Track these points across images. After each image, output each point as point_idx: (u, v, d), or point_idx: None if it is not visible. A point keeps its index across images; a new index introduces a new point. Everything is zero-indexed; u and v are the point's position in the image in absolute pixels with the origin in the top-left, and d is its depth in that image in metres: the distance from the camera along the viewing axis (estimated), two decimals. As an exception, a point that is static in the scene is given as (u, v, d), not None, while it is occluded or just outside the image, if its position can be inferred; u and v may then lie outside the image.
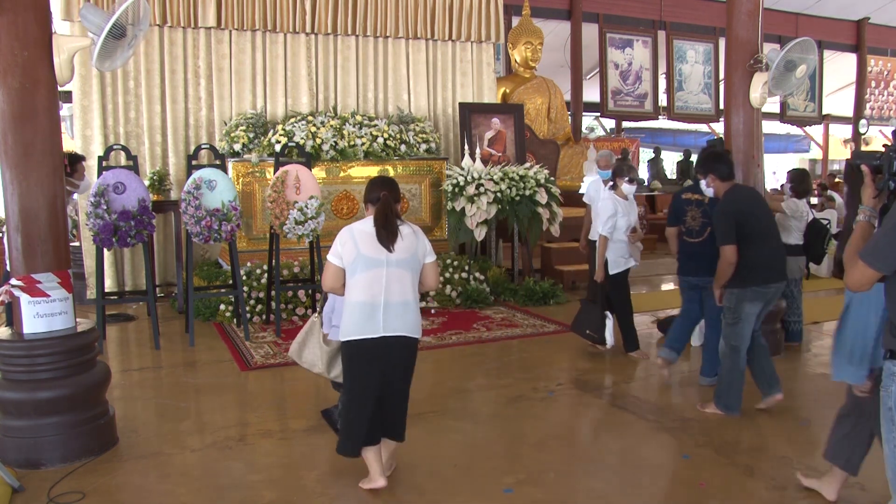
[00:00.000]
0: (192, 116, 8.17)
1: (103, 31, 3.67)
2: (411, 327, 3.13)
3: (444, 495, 3.23)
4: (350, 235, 3.14)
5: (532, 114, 11.59)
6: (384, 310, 3.07)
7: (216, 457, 3.66)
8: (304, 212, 6.10)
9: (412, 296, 3.14)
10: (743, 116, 5.53)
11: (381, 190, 3.21)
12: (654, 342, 6.12)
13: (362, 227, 3.15)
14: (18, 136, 3.47)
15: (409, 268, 3.14)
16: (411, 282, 3.15)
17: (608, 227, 5.35)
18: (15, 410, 3.54)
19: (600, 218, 5.46)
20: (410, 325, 3.13)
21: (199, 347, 5.87)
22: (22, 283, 3.51)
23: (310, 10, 8.38)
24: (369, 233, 3.12)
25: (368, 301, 3.07)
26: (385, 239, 3.08)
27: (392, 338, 3.08)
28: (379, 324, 3.06)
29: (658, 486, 3.36)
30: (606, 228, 5.35)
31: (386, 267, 3.09)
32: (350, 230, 3.16)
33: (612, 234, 5.37)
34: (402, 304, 3.10)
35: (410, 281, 3.15)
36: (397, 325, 3.09)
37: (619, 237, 5.41)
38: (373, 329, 3.06)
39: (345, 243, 3.13)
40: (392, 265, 3.09)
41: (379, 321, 3.06)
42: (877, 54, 16.96)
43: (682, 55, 14.03)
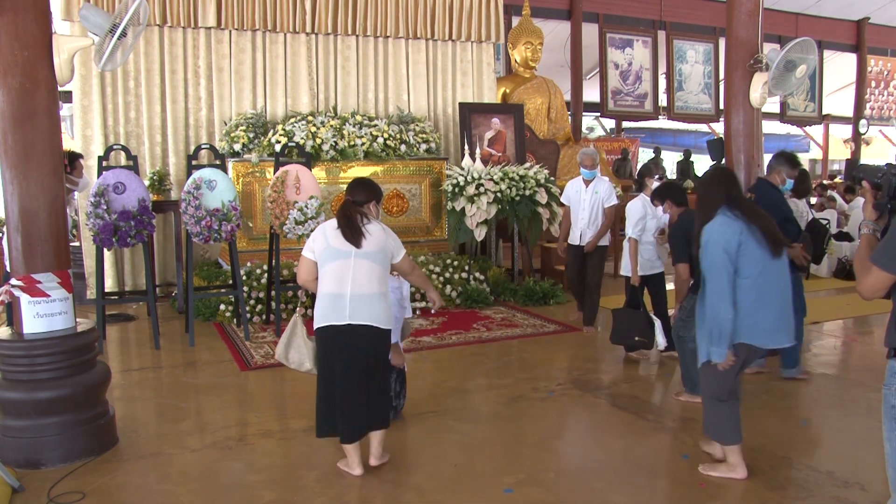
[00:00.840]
0: (192, 116, 8.16)
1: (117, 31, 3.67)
2: (378, 317, 3.27)
3: (444, 495, 3.23)
4: (322, 231, 3.39)
5: (532, 114, 11.58)
6: (350, 299, 3.23)
7: (216, 457, 3.66)
8: (304, 212, 6.10)
9: (378, 288, 3.29)
10: (743, 116, 5.53)
11: (347, 193, 3.48)
12: (654, 342, 6.13)
13: (333, 224, 3.38)
14: (18, 136, 3.47)
15: (377, 261, 3.32)
16: (378, 274, 3.31)
17: (638, 229, 5.34)
18: (15, 410, 3.54)
19: (630, 220, 5.44)
20: (377, 316, 3.27)
21: (199, 347, 5.87)
22: (22, 283, 3.51)
23: (310, 10, 8.38)
24: (336, 227, 3.34)
25: (336, 291, 3.25)
26: (350, 236, 3.28)
27: (358, 326, 3.23)
28: (345, 312, 3.23)
29: (658, 486, 3.36)
30: (636, 231, 5.34)
31: (353, 258, 3.27)
32: (322, 227, 3.43)
33: (642, 236, 5.36)
34: (369, 295, 3.26)
35: (378, 273, 3.31)
36: (363, 315, 3.24)
37: (648, 239, 5.39)
38: (339, 317, 3.23)
39: (316, 238, 3.37)
40: (360, 256, 3.28)
41: (345, 309, 3.23)
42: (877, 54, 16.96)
43: (682, 55, 14.03)
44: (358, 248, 3.28)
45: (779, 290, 3.29)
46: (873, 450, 3.79)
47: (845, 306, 7.48)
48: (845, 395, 4.71)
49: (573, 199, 6.34)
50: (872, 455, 3.73)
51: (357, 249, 3.28)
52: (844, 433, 4.10)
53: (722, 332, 3.21)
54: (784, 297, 3.32)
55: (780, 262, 3.31)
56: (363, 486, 3.32)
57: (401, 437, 3.94)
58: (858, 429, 4.03)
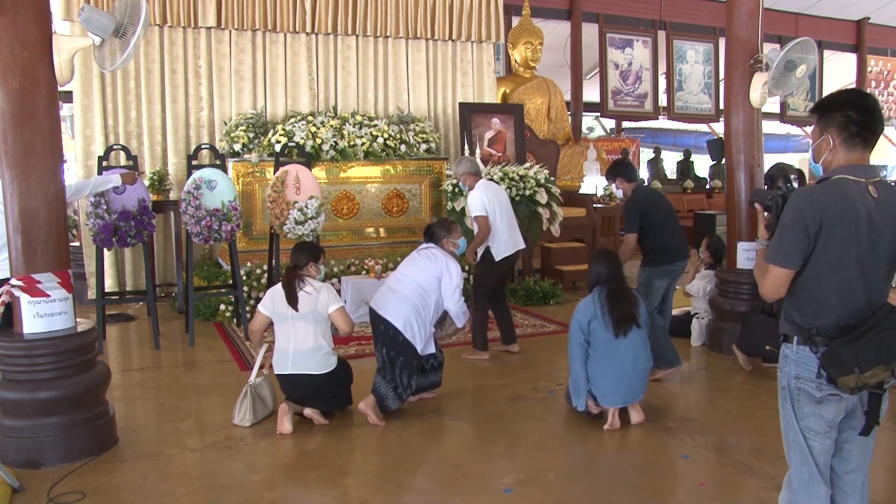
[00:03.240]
0: (193, 116, 8.16)
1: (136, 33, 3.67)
2: (314, 366, 3.98)
3: (444, 495, 3.23)
4: (271, 295, 4.07)
5: (532, 114, 11.58)
6: (293, 353, 3.98)
7: (216, 457, 3.66)
8: (304, 212, 6.10)
9: (314, 343, 3.98)
10: (743, 116, 5.53)
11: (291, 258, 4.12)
12: (654, 342, 6.13)
13: (279, 288, 4.05)
14: (18, 136, 3.46)
15: (311, 320, 3.97)
16: (314, 331, 3.98)
17: None
18: (15, 410, 3.54)
19: None
20: (314, 365, 3.98)
21: (199, 347, 5.87)
22: (22, 283, 3.51)
23: (310, 9, 8.38)
24: (281, 292, 4.00)
25: (283, 346, 4.01)
26: (288, 300, 3.96)
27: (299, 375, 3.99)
28: (288, 363, 3.99)
29: (658, 486, 3.36)
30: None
31: (291, 320, 3.97)
32: (272, 291, 4.10)
33: None
34: (308, 350, 3.97)
35: (313, 331, 3.98)
36: (301, 365, 3.97)
37: None
38: (285, 367, 4.01)
39: (265, 302, 4.09)
40: (297, 318, 3.97)
41: (289, 361, 3.99)
42: (877, 54, 16.95)
43: (682, 55, 14.03)
44: (296, 311, 3.95)
45: (620, 364, 3.99)
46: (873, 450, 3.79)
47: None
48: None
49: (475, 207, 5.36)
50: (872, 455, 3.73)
51: (295, 312, 3.95)
52: (844, 433, 4.09)
53: (578, 388, 4.05)
54: (619, 370, 3.99)
55: (627, 340, 3.99)
56: (363, 486, 3.32)
57: (401, 437, 3.94)
58: (858, 429, 4.02)
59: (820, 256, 2.11)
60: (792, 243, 2.11)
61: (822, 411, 2.16)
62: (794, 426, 2.22)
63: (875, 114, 2.13)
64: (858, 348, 2.02)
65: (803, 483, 2.23)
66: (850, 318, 2.11)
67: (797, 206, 2.11)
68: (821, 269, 2.12)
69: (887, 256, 2.14)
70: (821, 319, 2.14)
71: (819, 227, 2.07)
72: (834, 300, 2.12)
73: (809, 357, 2.15)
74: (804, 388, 2.17)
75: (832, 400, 2.14)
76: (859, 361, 2.02)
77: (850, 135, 2.12)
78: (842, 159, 2.15)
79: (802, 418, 2.19)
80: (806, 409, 2.18)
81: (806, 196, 2.11)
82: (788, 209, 2.13)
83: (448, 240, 4.44)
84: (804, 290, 2.16)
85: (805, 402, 2.18)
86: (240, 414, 4.10)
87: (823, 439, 2.19)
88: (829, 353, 2.08)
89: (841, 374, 2.04)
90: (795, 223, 2.10)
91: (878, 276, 2.14)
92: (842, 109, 2.13)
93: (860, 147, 2.14)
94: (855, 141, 2.12)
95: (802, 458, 2.21)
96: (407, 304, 4.14)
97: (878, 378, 2.04)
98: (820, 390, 2.14)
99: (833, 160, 2.17)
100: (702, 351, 5.74)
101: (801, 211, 2.09)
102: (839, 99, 2.16)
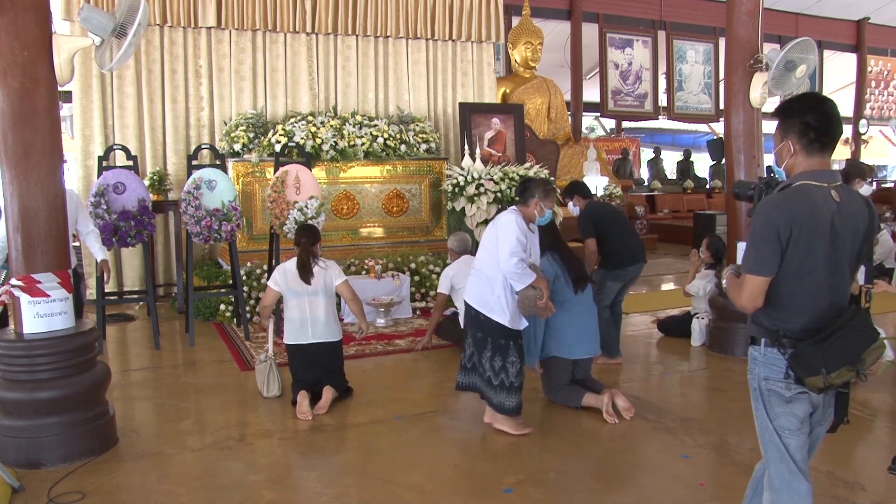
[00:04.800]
0: (193, 116, 8.16)
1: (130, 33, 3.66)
2: (331, 334, 4.48)
3: (444, 495, 3.23)
4: (283, 272, 4.47)
5: (532, 114, 11.59)
6: (311, 324, 4.41)
7: (216, 457, 3.66)
8: (304, 212, 6.09)
9: (327, 314, 4.45)
10: (743, 116, 5.53)
11: (301, 237, 4.47)
12: (653, 342, 6.13)
13: (289, 267, 4.45)
14: (18, 136, 3.46)
15: (323, 294, 4.43)
16: (326, 304, 4.44)
17: None
18: (15, 410, 3.54)
19: None
20: (330, 333, 4.47)
21: (199, 347, 5.87)
22: (22, 283, 3.51)
23: (310, 9, 8.38)
24: (293, 271, 4.40)
25: (300, 319, 4.42)
26: (303, 274, 4.38)
27: (318, 343, 4.44)
28: (308, 333, 4.41)
29: (658, 486, 3.36)
30: None
31: (306, 296, 4.40)
32: (283, 268, 4.49)
33: None
34: (324, 321, 4.44)
35: (325, 303, 4.44)
36: (320, 334, 4.43)
37: None
38: (305, 338, 4.42)
39: (275, 278, 4.48)
40: (311, 294, 4.41)
41: (308, 331, 4.41)
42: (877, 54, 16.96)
43: (682, 55, 14.04)
44: (308, 286, 4.37)
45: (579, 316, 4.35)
46: (874, 450, 3.80)
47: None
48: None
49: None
50: (873, 455, 3.73)
51: (308, 287, 4.37)
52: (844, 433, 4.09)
53: (532, 347, 4.33)
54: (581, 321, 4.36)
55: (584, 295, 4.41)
56: (363, 486, 3.32)
57: (401, 437, 3.94)
58: (859, 429, 4.03)
59: (789, 262, 2.15)
60: (767, 251, 2.15)
61: (793, 409, 2.22)
62: (768, 426, 2.27)
63: (833, 118, 2.17)
64: (825, 350, 2.08)
65: (784, 481, 2.26)
66: (817, 321, 2.16)
67: (767, 214, 2.15)
68: (790, 273, 2.16)
69: (849, 259, 2.20)
70: (789, 322, 2.19)
71: (790, 234, 2.12)
72: (802, 304, 2.18)
73: (777, 358, 2.20)
74: (774, 388, 2.23)
75: (802, 398, 2.21)
76: (826, 363, 2.07)
77: (809, 141, 2.16)
78: (802, 165, 2.20)
79: (775, 418, 2.24)
80: (777, 409, 2.24)
81: (774, 204, 2.15)
82: (758, 218, 2.18)
83: (538, 201, 3.95)
84: (773, 294, 2.20)
85: (776, 403, 2.24)
86: (268, 387, 4.54)
87: (798, 436, 2.24)
88: (796, 355, 2.14)
89: (808, 374, 2.10)
90: (768, 231, 2.14)
91: (842, 278, 2.20)
92: (801, 116, 2.17)
93: (819, 152, 2.18)
94: (814, 147, 2.17)
95: (780, 457, 2.26)
96: (478, 278, 3.98)
97: (843, 378, 2.11)
98: (789, 390, 2.20)
99: (794, 165, 2.22)
100: (702, 351, 5.74)
101: (772, 219, 2.13)
102: (798, 105, 2.20)
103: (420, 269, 7.30)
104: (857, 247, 2.21)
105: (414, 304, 7.06)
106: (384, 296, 6.62)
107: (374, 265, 6.93)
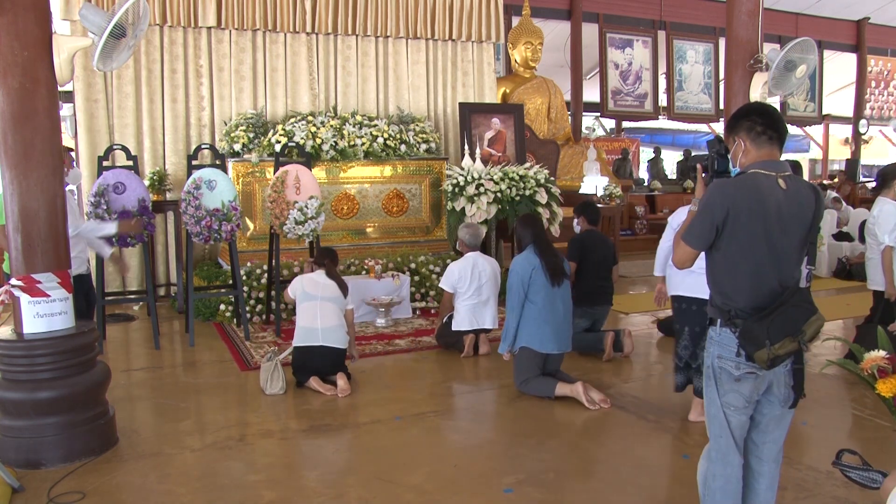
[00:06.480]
0: (193, 116, 8.16)
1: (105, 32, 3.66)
2: (338, 340, 4.75)
3: (444, 495, 3.23)
4: (300, 282, 4.86)
5: (532, 114, 11.59)
6: (321, 329, 4.69)
7: (216, 457, 3.66)
8: (304, 212, 6.09)
9: (337, 321, 4.76)
10: (743, 116, 5.52)
11: (323, 258, 4.97)
12: (653, 342, 6.13)
13: (308, 275, 4.89)
14: (18, 136, 3.46)
15: (335, 302, 4.79)
16: (336, 311, 4.78)
17: (895, 236, 4.83)
18: (15, 410, 3.54)
19: (886, 226, 4.90)
20: (338, 339, 4.75)
21: (199, 347, 5.87)
22: (22, 283, 3.51)
23: (310, 9, 8.38)
24: (311, 277, 4.85)
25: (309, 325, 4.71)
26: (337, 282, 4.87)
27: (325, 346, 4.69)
28: (318, 336, 4.68)
29: (658, 486, 3.36)
30: (893, 237, 4.83)
31: (319, 300, 4.75)
32: (301, 279, 4.89)
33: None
34: (333, 327, 4.73)
35: (336, 311, 4.78)
36: (329, 338, 4.70)
37: None
38: (314, 340, 4.69)
39: (294, 287, 4.88)
40: (325, 300, 4.76)
41: (318, 334, 4.68)
42: (877, 54, 16.96)
43: (682, 55, 14.04)
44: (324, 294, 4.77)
45: (554, 312, 4.51)
46: (874, 450, 3.79)
47: (845, 306, 7.48)
48: (845, 394, 4.71)
49: None
50: (873, 455, 3.73)
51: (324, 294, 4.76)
52: (844, 433, 4.10)
53: (508, 336, 4.57)
54: (558, 316, 4.52)
55: (561, 289, 4.54)
56: (363, 486, 3.32)
57: (401, 437, 3.94)
58: (859, 429, 4.03)
59: (730, 243, 2.34)
60: (700, 228, 2.37)
61: (741, 388, 2.39)
62: (715, 401, 2.45)
63: (775, 114, 2.41)
64: (769, 324, 2.26)
65: (720, 453, 2.48)
66: (764, 300, 2.33)
67: (710, 195, 2.36)
68: (732, 254, 2.35)
69: (797, 242, 2.37)
70: (737, 301, 2.36)
71: (725, 217, 2.30)
72: (747, 283, 2.34)
73: (730, 338, 2.36)
74: (724, 367, 2.40)
75: (749, 378, 2.37)
76: (770, 335, 2.25)
77: (757, 134, 2.38)
78: (753, 156, 2.40)
79: (723, 394, 2.42)
80: (726, 387, 2.41)
81: (719, 187, 2.35)
82: (705, 197, 2.39)
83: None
84: (720, 273, 2.40)
85: (725, 380, 2.41)
86: (271, 384, 4.63)
87: (741, 414, 2.43)
88: (744, 330, 2.30)
89: (755, 348, 2.27)
90: (705, 210, 2.36)
91: (789, 260, 2.36)
92: (746, 116, 2.42)
93: (767, 145, 2.39)
94: (762, 139, 2.38)
95: (721, 431, 2.46)
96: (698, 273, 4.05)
97: (786, 349, 2.26)
98: (738, 369, 2.37)
99: (746, 161, 2.42)
100: (702, 351, 5.73)
101: (713, 201, 2.34)
102: (742, 110, 2.46)
103: (420, 269, 7.30)
104: (804, 232, 2.38)
105: (414, 304, 7.06)
106: (384, 296, 6.62)
107: (374, 265, 6.93)
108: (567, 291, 4.63)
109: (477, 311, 5.59)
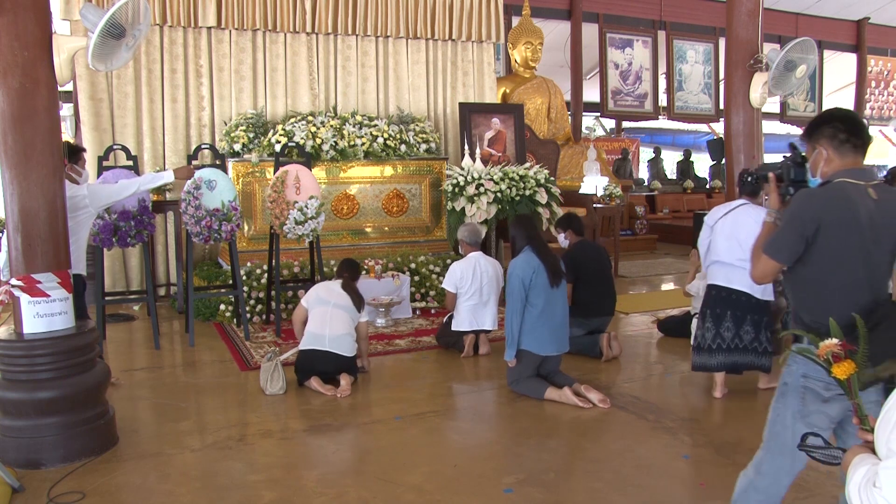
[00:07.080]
0: (193, 116, 8.15)
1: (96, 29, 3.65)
2: (345, 349, 4.76)
3: (444, 495, 3.23)
4: (315, 290, 4.92)
5: (532, 114, 11.58)
6: (329, 336, 4.71)
7: (216, 457, 3.66)
8: (304, 212, 6.09)
9: (346, 329, 4.77)
10: (743, 116, 5.53)
11: (343, 271, 5.08)
12: (653, 342, 6.13)
13: (326, 284, 4.98)
14: (18, 136, 3.46)
15: (346, 311, 4.80)
16: (347, 319, 4.80)
17: None
18: (15, 410, 3.54)
19: None
20: (345, 347, 4.75)
21: (199, 347, 5.87)
22: (22, 283, 3.51)
23: (310, 9, 8.37)
24: (326, 285, 4.95)
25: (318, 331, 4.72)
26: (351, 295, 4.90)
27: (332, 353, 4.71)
28: (325, 341, 4.70)
29: (658, 486, 3.36)
30: None
31: (331, 307, 4.79)
32: (317, 287, 4.96)
33: None
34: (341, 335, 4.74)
35: (347, 318, 4.80)
36: (336, 345, 4.71)
37: None
38: (321, 345, 4.70)
39: (308, 298, 4.90)
40: (337, 307, 4.80)
41: (325, 339, 4.70)
42: (877, 54, 16.94)
43: (682, 55, 14.03)
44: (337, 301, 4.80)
45: (553, 314, 4.53)
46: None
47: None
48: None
49: None
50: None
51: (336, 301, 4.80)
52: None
53: (512, 341, 4.53)
54: (556, 318, 4.56)
55: (559, 290, 4.57)
56: (363, 486, 3.32)
57: (401, 437, 3.94)
58: (858, 429, 4.02)
59: (820, 257, 2.21)
60: (787, 241, 2.24)
61: (828, 410, 2.24)
62: (786, 419, 2.30)
63: (858, 121, 2.29)
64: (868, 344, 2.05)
65: (773, 470, 2.34)
66: None
67: (797, 206, 2.23)
68: (822, 269, 2.21)
69: (889, 255, 2.24)
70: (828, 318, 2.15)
71: (816, 229, 2.18)
72: (838, 299, 2.20)
73: None
74: (812, 386, 2.24)
75: (839, 399, 2.21)
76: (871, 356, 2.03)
77: (840, 143, 2.25)
78: (837, 166, 2.26)
79: (808, 415, 2.26)
80: (812, 407, 2.25)
81: (806, 197, 2.23)
82: (791, 207, 2.26)
83: None
84: (808, 289, 2.26)
85: (812, 400, 2.25)
86: (271, 383, 4.63)
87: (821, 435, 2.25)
88: None
89: None
90: (793, 222, 2.23)
91: (882, 273, 2.24)
92: (828, 122, 2.28)
93: (852, 153, 2.26)
94: (846, 147, 2.25)
95: (782, 450, 2.30)
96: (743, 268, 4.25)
97: (889, 371, 2.06)
98: (828, 390, 2.21)
99: (829, 170, 2.28)
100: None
101: (800, 212, 2.21)
102: (825, 116, 2.32)
103: (420, 269, 7.30)
104: None
105: (414, 304, 7.06)
106: (384, 296, 6.62)
107: (374, 265, 6.93)
108: (564, 292, 4.68)
109: (477, 311, 5.59)
